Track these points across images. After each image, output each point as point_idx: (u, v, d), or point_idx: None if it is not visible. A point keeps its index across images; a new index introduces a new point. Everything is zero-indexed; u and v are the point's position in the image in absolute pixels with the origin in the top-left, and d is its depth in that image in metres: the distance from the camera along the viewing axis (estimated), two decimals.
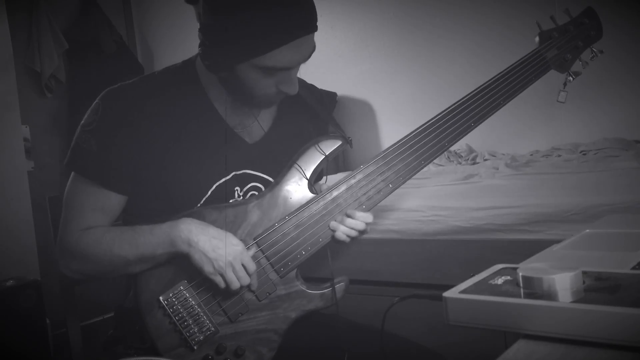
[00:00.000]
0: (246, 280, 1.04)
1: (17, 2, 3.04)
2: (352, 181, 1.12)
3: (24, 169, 2.74)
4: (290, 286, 1.11)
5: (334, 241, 1.14)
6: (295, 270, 1.12)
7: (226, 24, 0.98)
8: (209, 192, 1.12)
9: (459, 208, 2.02)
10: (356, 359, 1.11)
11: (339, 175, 1.50)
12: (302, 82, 1.28)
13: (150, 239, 1.06)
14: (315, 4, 1.03)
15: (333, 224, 1.11)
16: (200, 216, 1.08)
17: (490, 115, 1.20)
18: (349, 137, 1.17)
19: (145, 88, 1.12)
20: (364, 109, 3.26)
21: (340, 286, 1.14)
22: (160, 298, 1.06)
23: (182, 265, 1.06)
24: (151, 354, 1.06)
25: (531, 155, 2.59)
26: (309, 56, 1.06)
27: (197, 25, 1.05)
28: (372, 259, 2.21)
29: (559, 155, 2.47)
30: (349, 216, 1.12)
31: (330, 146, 1.15)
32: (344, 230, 1.11)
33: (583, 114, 2.68)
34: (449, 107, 1.18)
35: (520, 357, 0.56)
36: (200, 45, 1.04)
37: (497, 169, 2.36)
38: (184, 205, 1.10)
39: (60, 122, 3.39)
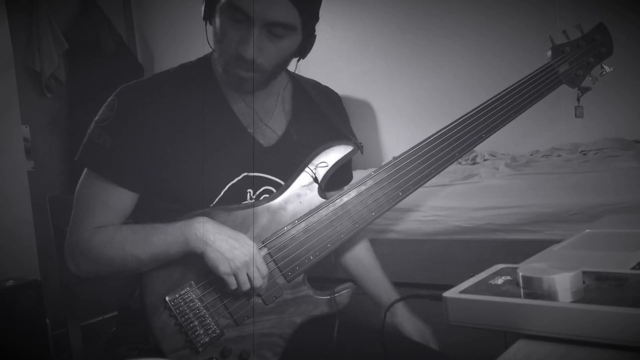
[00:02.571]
0: (259, 282, 1.03)
1: (17, 2, 3.03)
2: (363, 187, 1.11)
3: (24, 169, 2.74)
4: (298, 290, 1.10)
5: None
6: (302, 275, 1.10)
7: None
8: (222, 192, 1.11)
9: (459, 208, 2.02)
10: (357, 359, 1.11)
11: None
12: (314, 84, 1.28)
13: (164, 238, 1.04)
14: None
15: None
16: (210, 216, 1.06)
17: (500, 128, 1.20)
18: (361, 144, 1.17)
19: (160, 85, 1.11)
20: (364, 109, 3.26)
21: (347, 292, 1.13)
22: (167, 298, 1.04)
23: (189, 265, 1.05)
24: (155, 355, 1.05)
25: (531, 155, 2.59)
26: (275, 20, 1.01)
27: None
28: None
29: (559, 155, 2.47)
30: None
31: (341, 152, 1.14)
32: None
33: (583, 114, 2.68)
34: (461, 117, 1.18)
35: (520, 357, 0.56)
36: None
37: (497, 169, 2.35)
38: (196, 204, 1.08)
39: (60, 122, 3.38)
